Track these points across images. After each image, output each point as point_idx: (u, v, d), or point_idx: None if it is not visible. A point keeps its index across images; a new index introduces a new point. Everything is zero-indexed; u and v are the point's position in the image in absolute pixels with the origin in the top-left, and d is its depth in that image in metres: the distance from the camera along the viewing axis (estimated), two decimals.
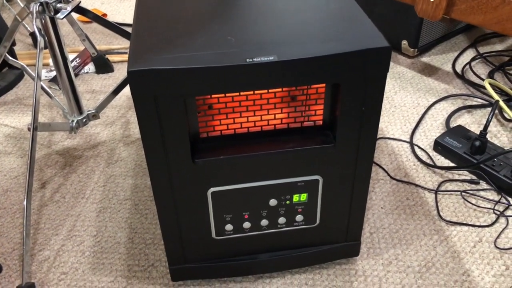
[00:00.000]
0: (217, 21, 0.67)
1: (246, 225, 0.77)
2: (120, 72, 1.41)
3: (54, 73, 1.38)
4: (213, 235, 0.77)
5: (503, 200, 0.97)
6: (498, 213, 0.95)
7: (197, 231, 0.76)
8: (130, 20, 1.69)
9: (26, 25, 1.52)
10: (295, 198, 0.75)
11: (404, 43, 1.39)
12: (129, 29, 1.14)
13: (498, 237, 0.91)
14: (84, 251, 0.91)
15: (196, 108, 0.66)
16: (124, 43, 1.53)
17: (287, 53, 0.60)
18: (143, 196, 1.01)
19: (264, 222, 0.77)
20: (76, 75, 1.39)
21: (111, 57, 1.44)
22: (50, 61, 1.40)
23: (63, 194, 1.02)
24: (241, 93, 0.66)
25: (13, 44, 1.28)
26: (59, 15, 0.87)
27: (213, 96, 0.65)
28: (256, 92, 0.66)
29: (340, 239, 0.82)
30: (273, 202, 0.75)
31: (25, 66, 1.04)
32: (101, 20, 1.04)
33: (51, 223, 0.96)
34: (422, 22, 1.34)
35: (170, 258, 0.79)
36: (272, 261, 0.82)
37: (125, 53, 1.48)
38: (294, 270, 0.86)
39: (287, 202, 0.75)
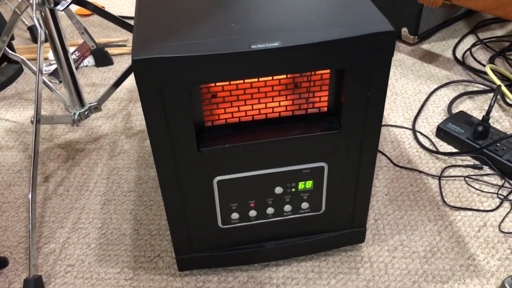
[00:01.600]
0: (220, 9, 0.67)
1: (252, 213, 0.77)
2: (120, 65, 1.40)
3: (53, 67, 1.37)
4: (219, 224, 0.77)
5: (507, 185, 0.97)
6: (502, 197, 0.95)
7: (203, 220, 0.76)
8: (127, 13, 1.68)
9: (24, 20, 1.51)
10: (301, 185, 0.75)
11: (404, 30, 1.39)
12: (127, 22, 1.14)
13: (502, 221, 0.91)
14: (90, 243, 0.91)
15: (201, 96, 0.66)
16: (123, 36, 1.52)
17: (292, 39, 0.60)
18: (147, 187, 1.01)
19: (270, 210, 0.77)
20: (76, 68, 1.38)
21: (110, 50, 1.43)
22: (49, 54, 1.39)
23: (66, 187, 1.02)
24: (246, 81, 0.66)
25: (12, 38, 1.28)
26: (59, 7, 0.87)
27: (217, 84, 0.65)
28: (260, 79, 0.66)
29: (345, 226, 0.83)
30: (278, 190, 0.75)
31: (25, 59, 1.03)
32: (101, 11, 1.04)
33: (55, 216, 0.96)
34: (422, 9, 1.34)
35: (176, 248, 0.79)
36: (278, 249, 0.82)
37: (124, 45, 1.47)
38: (300, 258, 0.86)
39: (293, 189, 0.75)
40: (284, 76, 0.66)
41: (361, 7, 0.66)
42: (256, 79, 0.66)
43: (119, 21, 1.09)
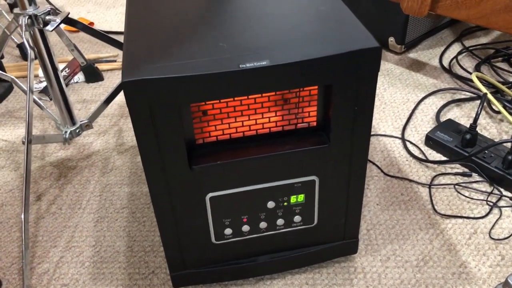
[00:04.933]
0: (208, 28, 0.68)
1: (245, 228, 0.77)
2: (110, 81, 1.41)
3: (43, 84, 1.37)
4: (213, 239, 0.78)
5: (496, 191, 0.99)
6: (491, 204, 0.96)
7: (196, 237, 0.77)
8: (116, 28, 1.69)
9: (13, 37, 1.51)
10: (293, 199, 0.76)
11: (391, 40, 1.41)
12: (117, 37, 1.14)
13: (492, 227, 0.92)
14: (84, 261, 0.91)
15: (191, 115, 0.67)
16: (112, 51, 1.53)
17: (280, 57, 0.61)
18: (140, 203, 1.01)
19: (263, 225, 0.78)
20: (66, 85, 1.38)
21: (100, 66, 1.44)
22: (39, 72, 1.39)
23: (59, 205, 1.02)
24: (235, 98, 0.66)
25: (1, 57, 1.28)
26: (49, 27, 0.87)
27: (207, 102, 0.66)
28: (250, 96, 0.67)
29: (338, 237, 0.83)
30: (271, 204, 0.75)
31: (15, 79, 1.03)
32: (90, 30, 1.05)
33: (48, 235, 0.96)
34: (408, 19, 1.36)
35: (170, 265, 0.79)
36: (272, 263, 0.83)
37: (114, 61, 1.48)
38: (294, 271, 0.86)
39: (285, 203, 0.76)
40: (273, 93, 0.67)
41: (347, 23, 0.67)
42: (245, 97, 0.67)
43: (108, 39, 1.10)
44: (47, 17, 0.89)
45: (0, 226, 0.98)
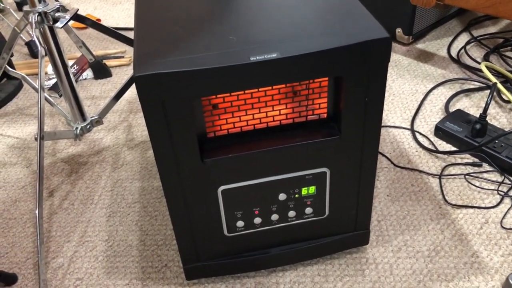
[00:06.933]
0: (217, 21, 0.68)
1: (257, 220, 0.78)
2: (119, 77, 1.41)
3: (52, 81, 1.38)
4: (225, 232, 0.78)
5: (506, 181, 0.98)
6: (502, 193, 0.96)
7: (209, 229, 0.77)
8: (123, 24, 1.70)
9: (21, 35, 1.52)
10: (304, 191, 0.76)
11: (399, 31, 1.40)
12: (124, 33, 1.15)
13: (503, 217, 0.92)
14: (97, 256, 0.92)
15: (202, 108, 0.67)
16: (120, 47, 1.53)
17: (290, 49, 0.61)
18: (151, 198, 1.02)
19: (275, 217, 0.78)
20: (75, 82, 1.39)
21: (108, 62, 1.44)
22: (48, 68, 1.40)
23: (71, 201, 1.03)
24: (246, 91, 0.67)
25: (11, 55, 1.28)
26: (58, 24, 0.88)
27: (218, 96, 0.66)
28: (260, 89, 0.67)
29: (349, 228, 0.84)
30: (282, 196, 0.76)
31: (26, 76, 1.04)
32: (98, 26, 1.05)
33: (62, 231, 0.97)
34: (415, 9, 1.35)
35: (183, 257, 0.80)
36: (284, 255, 0.83)
37: (122, 57, 1.48)
38: (306, 262, 0.87)
39: (296, 195, 0.76)
40: (284, 85, 0.67)
41: (356, 14, 0.67)
42: (256, 89, 0.67)
43: (117, 35, 1.10)
44: (57, 14, 0.90)
45: (14, 222, 0.99)
